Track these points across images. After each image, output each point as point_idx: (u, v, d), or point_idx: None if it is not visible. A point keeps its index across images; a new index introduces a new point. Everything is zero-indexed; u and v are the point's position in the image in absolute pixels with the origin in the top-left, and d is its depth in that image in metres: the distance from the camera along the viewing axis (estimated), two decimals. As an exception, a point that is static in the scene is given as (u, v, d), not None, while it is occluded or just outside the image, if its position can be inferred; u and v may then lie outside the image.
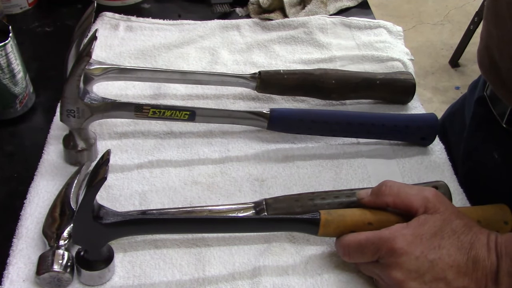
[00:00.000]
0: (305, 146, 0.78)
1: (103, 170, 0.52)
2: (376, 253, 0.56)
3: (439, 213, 0.57)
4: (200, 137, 0.78)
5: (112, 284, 0.59)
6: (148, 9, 1.04)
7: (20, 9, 1.00)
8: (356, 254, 0.58)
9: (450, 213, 0.57)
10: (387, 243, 0.55)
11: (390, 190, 0.60)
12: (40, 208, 0.65)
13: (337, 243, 0.60)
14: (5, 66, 0.73)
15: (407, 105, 0.86)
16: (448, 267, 0.54)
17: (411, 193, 0.59)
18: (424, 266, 0.54)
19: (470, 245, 0.55)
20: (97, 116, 0.70)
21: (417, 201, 0.58)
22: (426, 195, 0.58)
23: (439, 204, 0.58)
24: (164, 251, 0.63)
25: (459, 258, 0.54)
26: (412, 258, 0.54)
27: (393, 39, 0.99)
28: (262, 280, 0.60)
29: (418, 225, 0.56)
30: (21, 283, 0.58)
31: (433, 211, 0.57)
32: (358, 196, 0.62)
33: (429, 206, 0.57)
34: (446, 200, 0.59)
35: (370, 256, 0.57)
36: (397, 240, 0.55)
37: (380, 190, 0.60)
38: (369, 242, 0.57)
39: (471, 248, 0.55)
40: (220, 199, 0.69)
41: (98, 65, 0.78)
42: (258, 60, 0.92)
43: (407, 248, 0.55)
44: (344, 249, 0.59)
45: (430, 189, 0.60)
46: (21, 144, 0.76)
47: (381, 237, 0.56)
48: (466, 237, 0.56)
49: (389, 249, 0.55)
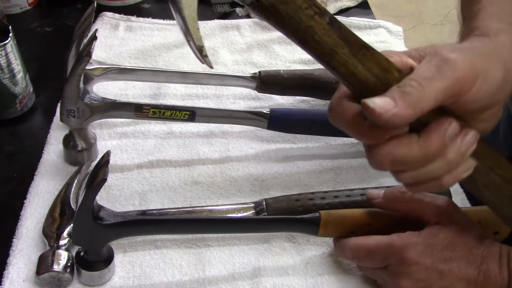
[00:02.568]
0: (305, 146, 0.78)
1: (103, 171, 0.52)
2: (385, 260, 0.56)
3: (452, 225, 0.56)
4: (200, 137, 0.78)
5: (112, 284, 0.59)
6: (148, 9, 1.04)
7: (20, 9, 1.00)
8: (365, 258, 0.57)
9: (463, 225, 0.56)
10: (398, 252, 0.54)
11: (403, 196, 0.59)
12: (40, 208, 0.65)
13: (344, 245, 0.59)
14: (5, 66, 0.73)
15: (407, 105, 0.85)
16: (457, 280, 0.53)
17: (424, 201, 0.58)
18: (433, 277, 0.53)
19: (482, 259, 0.54)
20: (97, 116, 0.70)
21: (430, 210, 0.57)
22: (440, 204, 0.57)
23: (452, 215, 0.57)
24: (164, 251, 0.63)
25: (469, 272, 0.53)
26: (422, 268, 0.53)
27: (393, 39, 0.99)
28: (262, 280, 0.60)
29: (430, 235, 0.55)
30: (21, 283, 0.58)
31: (446, 222, 0.56)
32: (368, 195, 0.62)
33: (442, 217, 0.56)
34: (459, 210, 0.58)
35: (379, 262, 0.56)
36: (408, 249, 0.54)
37: (393, 195, 0.59)
38: (379, 249, 0.56)
39: (482, 262, 0.54)
40: (220, 199, 0.69)
41: (98, 65, 0.78)
42: (258, 60, 0.92)
43: (418, 258, 0.54)
44: (353, 252, 0.58)
45: (444, 198, 0.58)
46: (21, 144, 0.76)
47: (392, 245, 0.55)
48: (477, 250, 0.54)
49: (400, 258, 0.54)
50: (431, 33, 2.83)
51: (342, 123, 0.46)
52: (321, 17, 0.43)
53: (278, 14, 0.42)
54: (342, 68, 0.44)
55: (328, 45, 0.43)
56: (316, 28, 0.43)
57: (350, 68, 0.44)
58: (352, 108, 0.45)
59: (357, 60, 0.44)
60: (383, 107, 0.42)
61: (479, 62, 0.45)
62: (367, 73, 0.44)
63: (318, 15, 0.43)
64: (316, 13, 0.43)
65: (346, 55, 0.44)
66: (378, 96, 0.43)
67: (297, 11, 0.42)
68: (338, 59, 0.44)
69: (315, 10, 0.43)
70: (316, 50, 0.44)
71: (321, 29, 0.43)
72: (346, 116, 0.46)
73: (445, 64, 0.43)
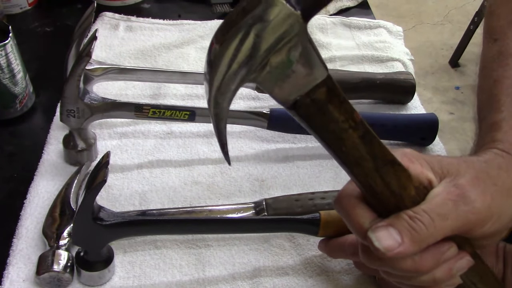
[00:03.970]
0: (305, 146, 0.78)
1: (103, 172, 0.52)
2: None
3: None
4: (200, 137, 0.78)
5: (112, 284, 0.59)
6: (148, 9, 1.04)
7: (20, 9, 1.00)
8: None
9: None
10: None
11: None
12: (40, 208, 0.65)
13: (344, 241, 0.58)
14: (5, 66, 0.73)
15: (407, 105, 0.86)
16: None
17: None
18: None
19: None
20: (97, 116, 0.70)
21: None
22: None
23: None
24: (164, 251, 0.63)
25: None
26: None
27: (393, 39, 0.99)
28: (262, 281, 0.60)
29: None
30: (21, 283, 0.58)
31: None
32: None
33: None
34: None
35: None
36: None
37: None
38: None
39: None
40: (220, 199, 0.69)
41: (98, 65, 0.78)
42: (258, 60, 0.92)
43: None
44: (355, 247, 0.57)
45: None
46: (21, 144, 0.76)
47: None
48: None
49: None
50: (431, 33, 2.83)
51: (347, 220, 0.47)
52: (354, 130, 0.42)
53: (313, 122, 0.42)
54: (361, 178, 0.44)
55: (354, 157, 0.43)
56: (346, 141, 0.42)
57: (368, 180, 0.44)
58: (360, 213, 0.45)
59: (378, 174, 0.44)
60: (387, 247, 0.42)
61: (497, 200, 0.45)
62: (384, 188, 0.44)
63: (352, 128, 0.42)
64: (351, 127, 0.42)
65: (368, 169, 0.43)
66: (384, 228, 0.43)
67: (332, 123, 0.42)
68: (359, 170, 0.44)
69: (350, 123, 0.42)
70: (339, 158, 0.44)
71: (351, 142, 0.42)
72: (353, 219, 0.46)
73: (464, 203, 0.43)
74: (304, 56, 0.39)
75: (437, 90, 2.46)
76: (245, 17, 0.37)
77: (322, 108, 0.41)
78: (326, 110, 0.41)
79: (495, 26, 0.65)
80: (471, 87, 2.37)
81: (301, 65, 0.39)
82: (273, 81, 0.40)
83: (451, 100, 2.38)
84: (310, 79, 0.40)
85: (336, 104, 0.41)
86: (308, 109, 0.41)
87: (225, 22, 0.39)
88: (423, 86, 2.42)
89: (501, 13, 0.65)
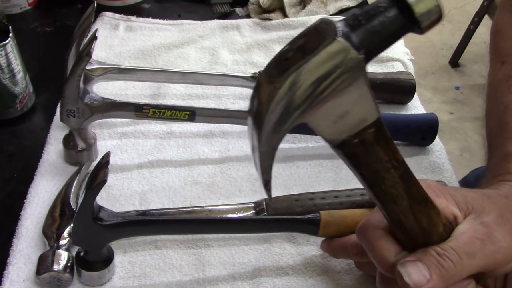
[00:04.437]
0: (305, 146, 0.78)
1: (103, 172, 0.52)
2: None
3: None
4: (200, 137, 0.78)
5: (112, 284, 0.59)
6: (148, 9, 1.04)
7: (20, 9, 1.00)
8: None
9: None
10: None
11: None
12: (40, 208, 0.65)
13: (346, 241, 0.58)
14: (5, 66, 0.73)
15: (407, 105, 0.86)
16: None
17: None
18: None
19: None
20: (97, 116, 0.70)
21: None
22: None
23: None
24: (164, 251, 0.63)
25: None
26: None
27: (393, 39, 0.99)
28: (262, 281, 0.60)
29: None
30: (21, 283, 0.58)
31: None
32: None
33: None
34: None
35: None
36: None
37: None
38: None
39: None
40: (220, 199, 0.69)
41: (98, 65, 0.78)
42: (258, 60, 0.92)
43: None
44: (358, 247, 0.57)
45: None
46: (21, 144, 0.76)
47: None
48: None
49: None
50: (431, 33, 2.80)
51: (370, 250, 0.47)
52: (396, 170, 0.42)
53: (357, 161, 0.42)
54: (393, 214, 0.44)
55: (391, 196, 0.43)
56: (386, 180, 0.42)
57: (401, 217, 0.44)
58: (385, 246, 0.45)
59: (411, 212, 0.44)
60: (416, 282, 0.42)
61: None
62: (414, 224, 0.44)
63: (394, 168, 0.42)
64: (393, 167, 0.42)
65: (403, 206, 0.44)
66: (413, 263, 0.43)
67: (376, 163, 0.42)
68: (393, 207, 0.44)
69: (393, 163, 0.42)
70: (375, 194, 0.44)
71: (391, 181, 0.42)
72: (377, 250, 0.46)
73: (491, 242, 0.44)
74: (361, 98, 0.39)
75: (437, 90, 2.45)
76: (303, 58, 0.36)
77: (369, 148, 0.41)
78: (373, 151, 0.41)
79: (502, 47, 0.64)
80: (471, 87, 2.37)
81: (357, 107, 0.39)
82: (325, 121, 0.39)
83: (451, 100, 2.38)
84: (362, 120, 0.40)
85: (383, 145, 0.41)
86: (355, 149, 0.41)
87: (280, 60, 0.38)
88: (423, 86, 2.42)
89: (508, 33, 0.64)
